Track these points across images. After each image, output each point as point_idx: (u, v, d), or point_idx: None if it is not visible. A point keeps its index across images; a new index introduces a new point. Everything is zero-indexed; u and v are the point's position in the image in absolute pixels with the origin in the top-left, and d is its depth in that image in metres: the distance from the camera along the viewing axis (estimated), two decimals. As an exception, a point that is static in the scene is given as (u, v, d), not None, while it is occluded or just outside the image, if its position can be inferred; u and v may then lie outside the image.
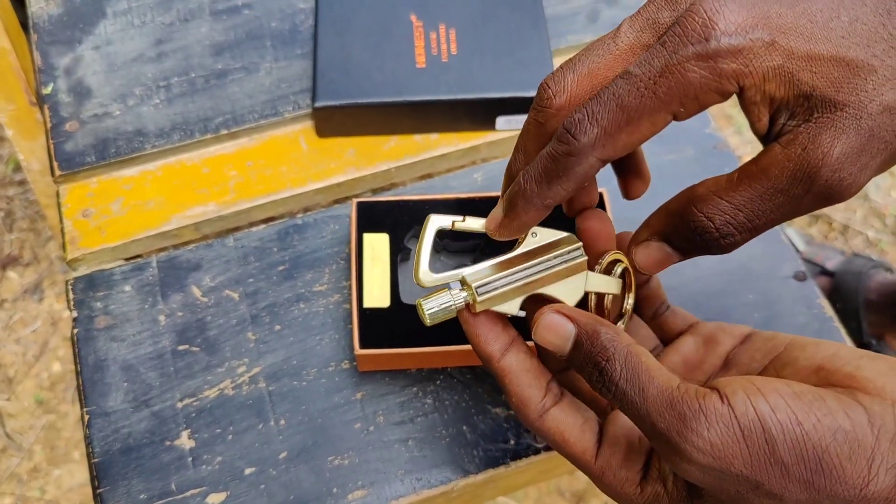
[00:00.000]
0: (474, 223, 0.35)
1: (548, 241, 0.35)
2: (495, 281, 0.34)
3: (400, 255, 0.51)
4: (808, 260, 1.18)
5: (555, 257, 0.35)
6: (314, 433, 0.49)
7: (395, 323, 0.49)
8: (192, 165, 0.59)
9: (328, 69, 0.58)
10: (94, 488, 0.48)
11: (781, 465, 0.27)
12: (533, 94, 0.58)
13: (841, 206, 1.32)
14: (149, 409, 0.50)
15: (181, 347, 0.52)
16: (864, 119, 0.28)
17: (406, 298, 0.50)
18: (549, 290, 0.35)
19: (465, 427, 0.50)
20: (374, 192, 0.60)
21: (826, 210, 1.31)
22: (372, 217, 0.52)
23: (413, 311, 0.49)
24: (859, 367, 0.30)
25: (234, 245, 0.56)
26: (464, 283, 0.34)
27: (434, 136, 0.60)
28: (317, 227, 0.56)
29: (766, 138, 0.30)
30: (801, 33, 0.28)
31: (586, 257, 0.35)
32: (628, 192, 0.39)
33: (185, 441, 0.49)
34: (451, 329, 0.49)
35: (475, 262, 0.42)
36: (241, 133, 0.60)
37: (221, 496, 0.47)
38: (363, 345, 0.48)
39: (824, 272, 1.16)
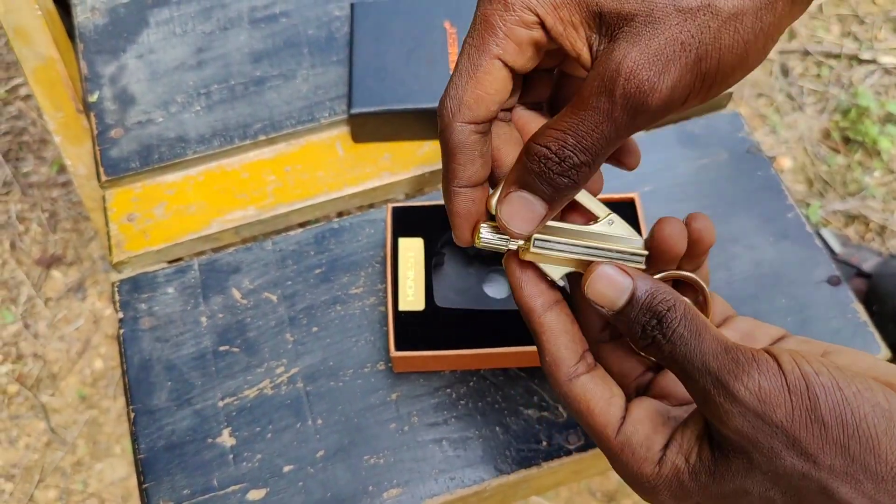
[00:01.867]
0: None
1: (619, 235, 0.36)
2: (554, 242, 0.35)
3: (434, 258, 0.52)
4: (845, 261, 1.16)
5: (617, 251, 0.35)
6: (350, 433, 0.51)
7: (430, 326, 0.50)
8: (232, 171, 0.61)
9: (364, 76, 0.59)
10: (140, 483, 0.50)
11: (821, 423, 0.28)
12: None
13: (878, 206, 1.31)
14: (191, 408, 0.52)
15: (222, 348, 0.54)
16: (657, 25, 0.29)
17: (440, 302, 0.51)
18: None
19: (497, 428, 0.51)
20: (408, 196, 0.61)
21: (862, 210, 1.30)
22: (407, 221, 0.53)
23: (447, 314, 0.50)
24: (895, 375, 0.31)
25: (272, 248, 0.57)
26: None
27: (467, 141, 0.61)
28: (353, 230, 0.58)
29: None
30: None
31: (644, 267, 0.36)
32: (622, 165, 0.39)
33: (226, 439, 0.51)
34: (484, 332, 0.50)
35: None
36: (279, 139, 0.62)
37: (261, 493, 0.49)
38: (398, 347, 0.49)
39: (860, 274, 1.15)
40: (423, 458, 0.50)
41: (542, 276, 0.36)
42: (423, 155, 0.61)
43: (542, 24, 0.31)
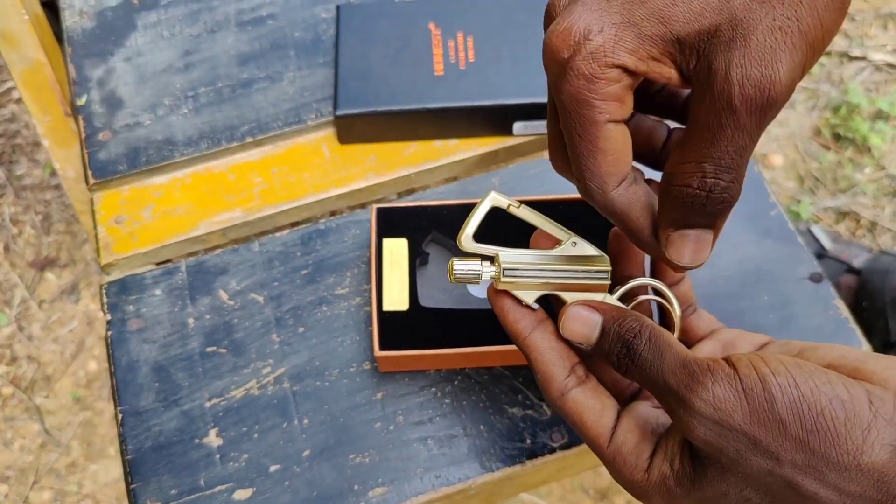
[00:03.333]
0: (527, 213, 0.37)
1: (583, 254, 0.37)
2: (523, 269, 0.37)
3: (418, 259, 0.53)
4: (835, 258, 1.17)
5: (583, 271, 0.37)
6: (336, 432, 0.51)
7: (414, 325, 0.50)
8: (220, 173, 0.61)
9: (349, 78, 0.60)
10: (128, 484, 0.50)
11: (779, 422, 0.29)
12: (549, 100, 0.59)
13: (868, 203, 1.31)
14: (179, 409, 0.52)
15: (209, 349, 0.54)
16: (745, 25, 0.28)
17: (424, 302, 0.51)
18: (566, 297, 0.37)
19: (482, 426, 0.51)
20: (400, 195, 0.61)
21: (853, 207, 1.30)
22: (391, 222, 0.53)
23: (432, 313, 0.51)
24: (865, 362, 0.32)
25: (259, 250, 0.57)
26: (496, 260, 0.37)
27: (453, 142, 0.62)
28: (339, 231, 0.58)
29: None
30: (648, 18, 0.30)
31: (609, 282, 0.37)
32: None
33: (213, 439, 0.51)
34: (468, 331, 0.50)
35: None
36: (265, 141, 0.62)
37: (248, 492, 0.49)
38: (383, 347, 0.49)
39: (851, 270, 1.15)
40: (408, 457, 0.51)
41: (521, 302, 0.37)
42: (408, 156, 0.61)
43: (626, 70, 0.31)
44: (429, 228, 0.53)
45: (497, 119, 0.60)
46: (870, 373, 0.31)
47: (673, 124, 0.39)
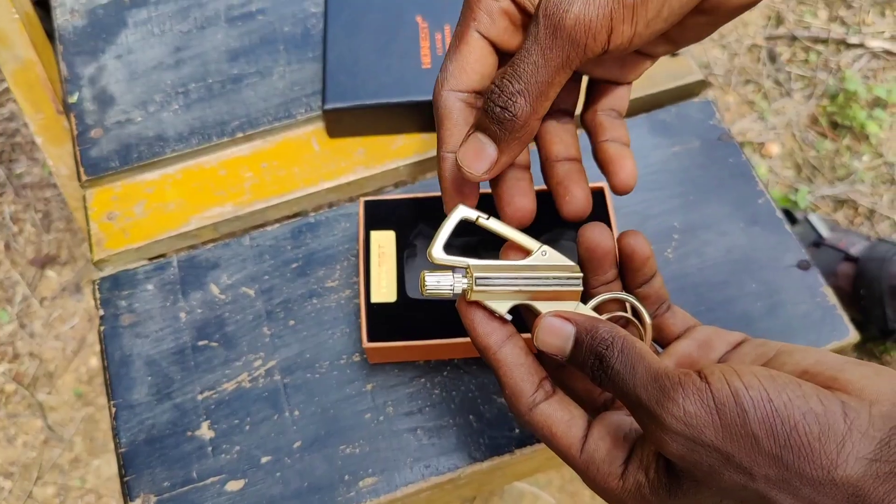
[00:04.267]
0: (496, 224, 0.37)
1: (554, 264, 0.37)
2: (495, 279, 0.36)
3: (406, 251, 0.53)
4: (832, 246, 1.17)
5: (554, 278, 0.37)
6: (327, 423, 0.52)
7: (402, 317, 0.51)
8: (210, 168, 0.62)
9: (337, 72, 0.60)
10: (122, 477, 0.51)
11: (752, 437, 0.28)
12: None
13: (866, 190, 1.31)
14: (171, 402, 0.53)
15: (201, 343, 0.55)
16: None
17: (412, 293, 0.52)
18: (540, 307, 0.37)
19: (471, 416, 0.52)
20: (396, 186, 0.62)
21: (851, 195, 1.30)
22: (379, 215, 0.54)
23: (419, 304, 0.51)
24: (842, 370, 0.31)
25: (249, 244, 0.58)
26: (468, 271, 0.37)
27: (441, 135, 0.62)
28: (328, 225, 0.58)
29: None
30: None
31: (581, 288, 0.37)
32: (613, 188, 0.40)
33: (205, 431, 0.52)
34: (456, 322, 0.50)
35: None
36: (255, 136, 0.62)
37: (240, 483, 0.50)
38: (371, 338, 0.50)
39: (848, 258, 1.15)
40: (398, 447, 0.51)
41: (493, 314, 0.37)
42: (396, 149, 0.61)
43: None
44: (416, 221, 0.54)
45: (485, 111, 0.60)
46: (846, 382, 0.30)
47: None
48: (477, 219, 0.37)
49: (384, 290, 0.51)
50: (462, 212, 0.37)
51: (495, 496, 1.09)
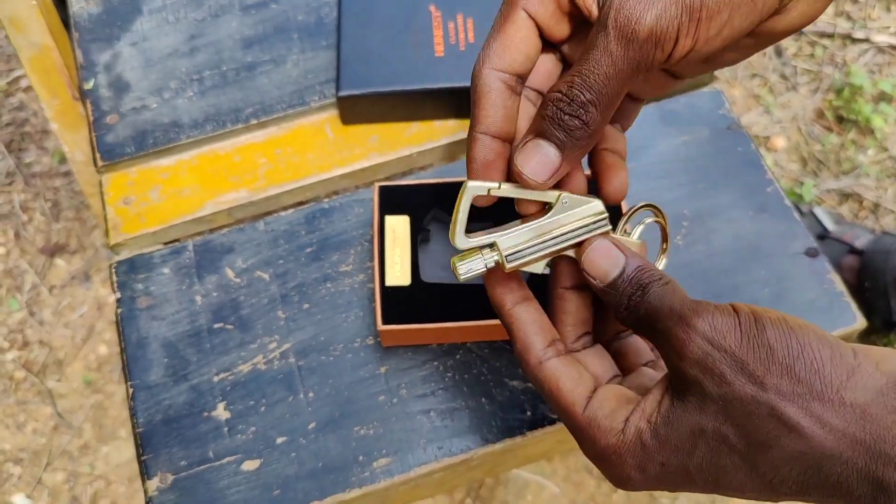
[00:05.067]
0: (510, 190, 0.36)
1: (577, 210, 0.37)
2: (525, 248, 0.37)
3: (420, 235, 0.54)
4: (837, 239, 1.17)
5: (581, 227, 0.37)
6: (341, 405, 0.52)
7: (416, 300, 0.51)
8: (225, 154, 0.62)
9: (351, 59, 0.61)
10: (139, 456, 0.52)
11: (768, 347, 0.29)
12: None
13: (871, 184, 1.32)
14: (187, 383, 0.53)
15: (216, 325, 0.55)
16: None
17: (426, 277, 0.52)
18: (573, 254, 0.38)
19: (483, 399, 0.52)
20: (403, 174, 0.63)
21: (856, 189, 1.31)
22: (393, 200, 0.54)
23: (433, 288, 0.52)
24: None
25: (264, 229, 0.59)
26: (496, 247, 0.37)
27: (453, 122, 0.63)
28: (342, 210, 0.59)
29: None
30: None
31: (609, 227, 0.38)
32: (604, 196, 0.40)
33: (221, 412, 0.53)
34: (469, 305, 0.51)
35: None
36: (269, 122, 0.63)
37: (255, 463, 0.51)
38: (386, 321, 0.51)
39: (853, 251, 1.16)
40: (411, 429, 0.52)
41: (512, 275, 0.38)
42: (410, 136, 0.62)
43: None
44: (430, 205, 0.54)
45: (497, 99, 0.61)
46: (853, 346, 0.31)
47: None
48: (489, 191, 0.36)
49: (398, 273, 0.52)
50: (473, 187, 0.36)
51: (500, 485, 1.10)
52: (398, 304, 0.51)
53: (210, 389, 0.53)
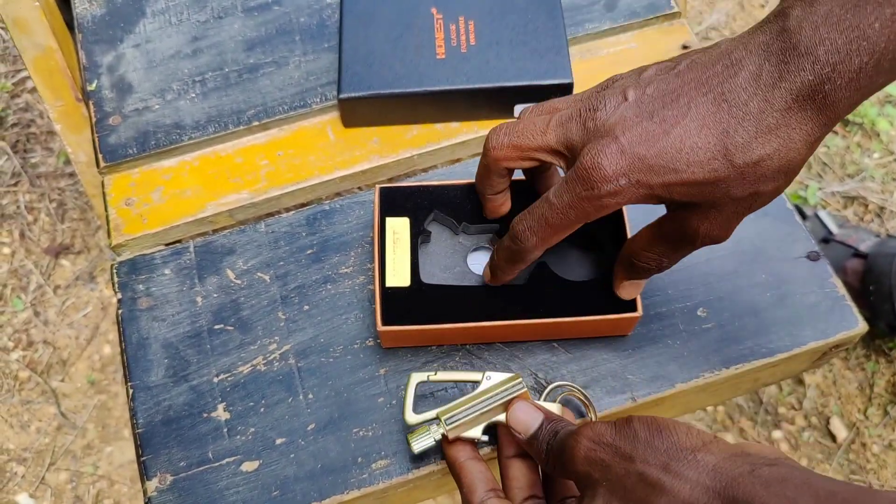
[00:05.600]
0: (444, 375, 0.49)
1: (498, 381, 0.47)
2: (459, 414, 0.46)
3: (420, 237, 0.54)
4: (841, 242, 1.17)
5: (503, 391, 0.46)
6: (340, 406, 0.52)
7: (416, 301, 0.51)
8: (227, 156, 0.63)
9: (352, 61, 0.61)
10: (139, 456, 0.52)
11: (634, 432, 0.37)
12: (549, 82, 0.60)
13: (876, 187, 1.31)
14: (187, 384, 0.54)
15: (217, 326, 0.55)
16: (719, 207, 0.41)
17: (426, 278, 0.52)
18: (502, 418, 0.46)
19: (482, 401, 0.52)
20: (404, 176, 0.63)
21: (861, 192, 1.30)
22: (394, 202, 0.54)
23: (432, 290, 0.52)
24: None
25: (265, 230, 0.59)
26: (438, 416, 0.46)
27: (455, 125, 0.63)
28: (343, 212, 0.59)
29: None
30: (657, 171, 0.39)
31: (525, 389, 0.46)
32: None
33: (220, 413, 0.53)
34: (468, 307, 0.51)
35: (490, 242, 0.53)
36: (271, 124, 0.63)
37: (255, 464, 0.51)
38: (385, 322, 0.51)
39: (857, 254, 1.15)
40: (410, 430, 0.52)
41: (467, 442, 0.46)
42: (410, 138, 0.62)
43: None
44: (430, 208, 0.54)
45: (498, 101, 0.61)
46: None
47: None
48: (428, 377, 0.48)
49: (398, 274, 0.52)
50: (416, 377, 0.49)
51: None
52: (398, 304, 0.51)
53: (210, 390, 0.53)
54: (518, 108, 0.61)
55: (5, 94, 1.38)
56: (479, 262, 0.54)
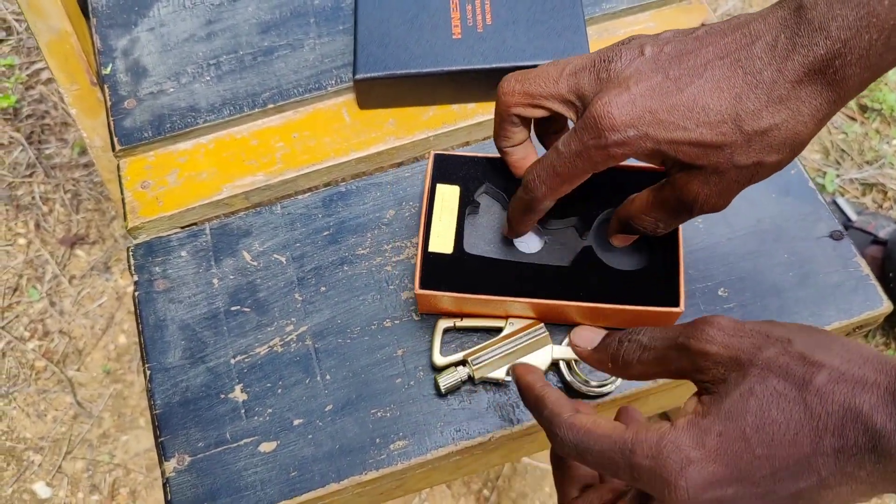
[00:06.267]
0: (468, 322, 0.53)
1: (521, 325, 0.51)
2: (485, 356, 0.51)
3: (469, 207, 0.53)
4: (860, 229, 1.16)
5: (525, 336, 0.51)
6: (357, 387, 0.52)
7: (456, 269, 0.51)
8: (242, 138, 0.62)
9: (368, 42, 0.60)
10: (157, 437, 0.52)
11: (776, 323, 0.36)
12: (566, 60, 0.59)
13: (895, 174, 1.30)
14: (204, 365, 0.53)
15: (233, 308, 0.55)
16: (721, 173, 0.40)
17: (469, 248, 0.52)
18: (525, 359, 0.50)
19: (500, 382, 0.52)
20: (417, 160, 0.62)
21: (880, 179, 1.29)
22: (447, 169, 0.53)
23: (473, 260, 0.51)
24: None
25: (281, 212, 0.59)
26: (465, 358, 0.51)
27: (471, 106, 0.62)
28: (359, 194, 0.59)
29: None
30: (667, 126, 0.39)
31: (547, 333, 0.51)
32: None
33: (238, 394, 0.52)
34: (507, 281, 0.50)
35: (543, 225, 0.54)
36: (286, 107, 0.63)
37: (272, 445, 0.51)
38: (423, 285, 0.50)
39: (877, 241, 1.14)
40: (428, 412, 0.51)
41: (538, 370, 0.45)
42: (427, 120, 0.62)
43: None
44: (482, 179, 0.53)
45: (515, 81, 0.60)
46: None
47: None
48: (454, 323, 0.53)
49: (442, 241, 0.51)
50: (443, 323, 0.53)
51: (518, 476, 1.10)
52: (438, 270, 0.50)
53: (227, 372, 0.53)
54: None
55: (20, 86, 1.39)
56: (524, 241, 0.53)
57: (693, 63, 0.40)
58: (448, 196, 0.53)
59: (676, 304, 0.49)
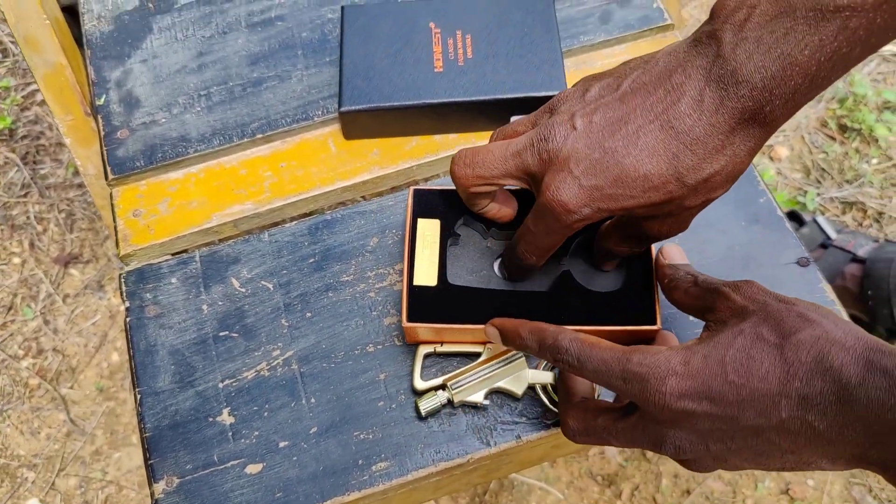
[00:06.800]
0: (448, 347, 0.55)
1: (498, 351, 0.53)
2: (464, 381, 0.53)
3: (450, 239, 0.55)
4: (840, 247, 1.18)
5: (503, 360, 0.53)
6: (341, 410, 0.54)
7: (441, 300, 0.53)
8: (231, 167, 0.64)
9: (353, 76, 0.63)
10: (146, 460, 0.53)
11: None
12: (544, 94, 0.61)
13: (875, 193, 1.32)
14: (193, 389, 0.55)
15: (222, 333, 0.57)
16: (675, 215, 0.46)
17: (452, 279, 0.54)
18: (502, 383, 0.53)
19: (478, 405, 0.54)
20: (394, 190, 0.64)
21: (860, 198, 1.32)
22: (426, 204, 0.55)
23: (457, 290, 0.53)
24: None
25: (268, 240, 0.61)
26: (445, 383, 0.53)
27: (453, 136, 0.64)
28: (344, 222, 0.61)
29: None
30: (616, 198, 0.43)
31: (524, 357, 0.53)
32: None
33: (225, 417, 0.54)
34: (489, 310, 0.52)
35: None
36: (274, 136, 0.65)
37: (259, 466, 0.53)
38: (410, 319, 0.52)
39: (856, 259, 1.16)
40: (409, 434, 0.53)
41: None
42: (410, 150, 0.64)
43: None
44: (461, 212, 0.55)
45: (495, 113, 0.62)
46: None
47: None
48: (435, 348, 0.55)
49: (426, 274, 0.53)
50: (423, 349, 0.55)
51: (505, 491, 1.12)
52: (423, 303, 0.53)
53: (215, 395, 0.55)
54: (514, 119, 0.63)
55: (15, 107, 1.41)
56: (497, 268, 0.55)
57: (625, 132, 0.42)
58: (429, 230, 0.55)
59: (654, 323, 0.52)
